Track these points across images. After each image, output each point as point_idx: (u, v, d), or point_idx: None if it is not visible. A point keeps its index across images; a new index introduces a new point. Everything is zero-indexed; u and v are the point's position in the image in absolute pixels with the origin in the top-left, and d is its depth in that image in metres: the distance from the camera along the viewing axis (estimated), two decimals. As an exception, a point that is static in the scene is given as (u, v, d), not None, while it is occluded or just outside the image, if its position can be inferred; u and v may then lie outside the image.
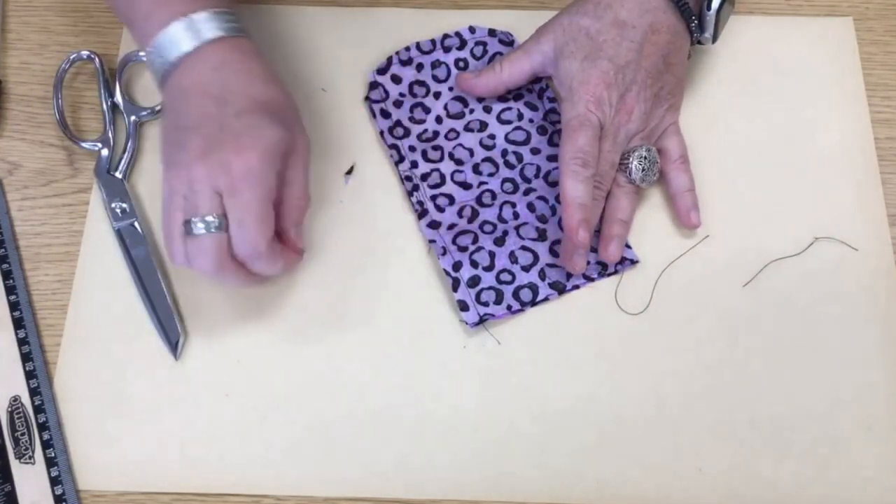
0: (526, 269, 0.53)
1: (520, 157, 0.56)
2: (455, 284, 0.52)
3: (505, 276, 0.52)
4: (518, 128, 0.56)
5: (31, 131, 0.59)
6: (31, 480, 0.49)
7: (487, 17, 0.61)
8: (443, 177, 0.55)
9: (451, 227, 0.54)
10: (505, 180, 0.55)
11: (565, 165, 0.50)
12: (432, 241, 0.53)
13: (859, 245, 0.55)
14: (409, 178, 0.55)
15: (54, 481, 0.49)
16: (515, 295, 0.52)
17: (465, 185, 0.55)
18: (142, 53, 0.49)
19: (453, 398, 0.51)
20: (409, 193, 0.55)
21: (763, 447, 0.50)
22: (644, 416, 0.51)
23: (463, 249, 0.53)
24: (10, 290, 0.53)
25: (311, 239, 0.55)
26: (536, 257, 0.53)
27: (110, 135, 0.57)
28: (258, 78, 0.48)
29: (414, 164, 0.56)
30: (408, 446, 0.50)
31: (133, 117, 0.58)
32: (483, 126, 0.56)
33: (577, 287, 0.53)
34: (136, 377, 0.52)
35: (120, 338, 0.53)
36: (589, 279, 0.53)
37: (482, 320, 0.51)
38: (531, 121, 0.57)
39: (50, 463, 0.49)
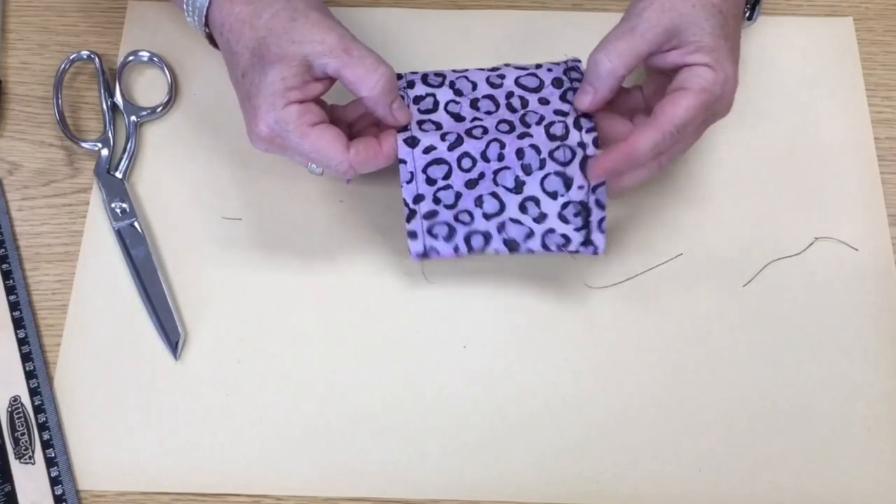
0: (487, 216, 0.49)
1: (525, 103, 0.51)
2: (410, 216, 0.49)
3: (463, 217, 0.49)
4: (533, 74, 0.52)
5: (31, 131, 0.59)
6: (31, 480, 0.49)
7: (487, 17, 0.61)
8: (436, 104, 0.51)
9: (427, 150, 0.49)
10: (502, 121, 0.50)
11: (670, 127, 0.46)
12: (402, 162, 0.49)
13: (859, 245, 0.55)
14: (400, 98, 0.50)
15: (54, 481, 0.49)
16: (467, 239, 0.49)
17: (458, 117, 0.51)
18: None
19: (453, 398, 0.51)
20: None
21: (763, 447, 0.50)
22: (644, 416, 0.51)
23: (431, 182, 0.49)
24: (10, 290, 0.53)
25: (311, 239, 0.55)
26: (503, 208, 0.49)
27: (110, 135, 0.57)
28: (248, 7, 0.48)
29: (410, 84, 0.52)
30: (408, 446, 0.50)
31: (133, 117, 0.58)
32: (495, 68, 0.53)
33: (530, 251, 0.49)
34: (136, 377, 0.52)
35: (120, 338, 0.53)
36: (546, 248, 0.49)
37: (426, 254, 0.49)
38: (549, 70, 0.52)
39: (50, 463, 0.49)
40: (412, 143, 0.49)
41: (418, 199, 0.49)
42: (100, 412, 0.51)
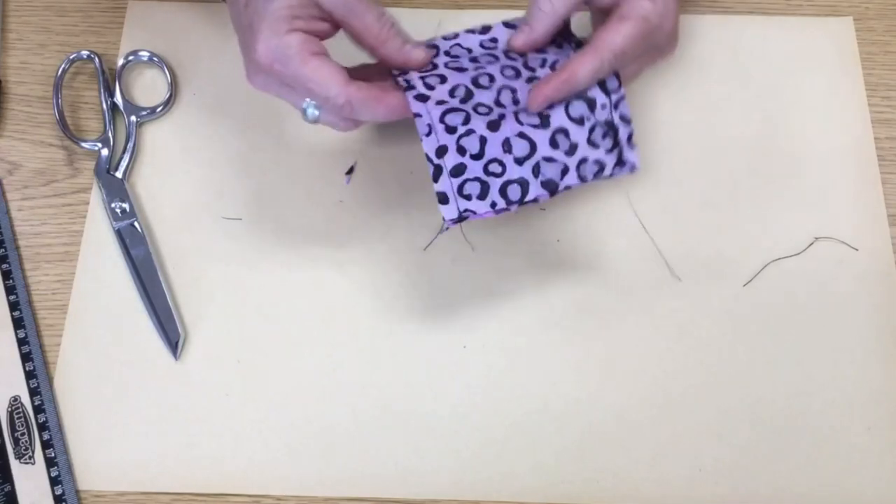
0: (519, 161, 0.46)
1: (523, 53, 0.50)
2: (436, 173, 0.46)
3: (494, 168, 0.46)
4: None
5: (31, 131, 0.59)
6: (31, 480, 0.49)
7: (487, 17, 0.61)
8: (435, 65, 0.49)
9: (440, 102, 0.47)
10: (506, 67, 0.49)
11: (609, 54, 0.47)
12: (417, 116, 0.47)
13: (859, 245, 0.55)
14: None
15: (54, 481, 0.49)
16: (503, 191, 0.46)
17: (461, 69, 0.49)
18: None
19: (453, 398, 0.51)
20: (395, 76, 0.49)
21: (763, 447, 0.50)
22: (644, 416, 0.51)
23: (451, 131, 0.46)
24: (10, 290, 0.53)
25: (311, 239, 0.55)
26: (534, 148, 0.46)
27: (110, 135, 0.57)
28: None
29: None
30: (408, 446, 0.50)
31: (133, 117, 0.58)
32: (486, 29, 0.52)
33: (568, 188, 0.47)
34: (136, 377, 0.52)
35: (120, 338, 0.53)
36: (583, 179, 0.47)
37: (461, 217, 0.46)
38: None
39: (50, 463, 0.49)
40: (423, 98, 0.47)
41: (441, 151, 0.46)
42: (100, 412, 0.51)
